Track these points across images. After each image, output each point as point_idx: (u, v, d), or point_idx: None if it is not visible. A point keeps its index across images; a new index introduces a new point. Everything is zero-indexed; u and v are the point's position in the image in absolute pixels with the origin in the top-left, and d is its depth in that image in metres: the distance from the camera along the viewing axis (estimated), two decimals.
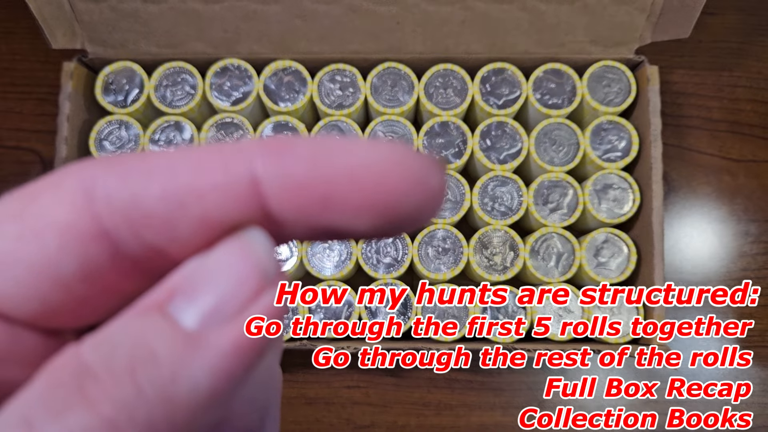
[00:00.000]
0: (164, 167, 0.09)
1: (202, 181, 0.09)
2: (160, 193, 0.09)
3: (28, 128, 0.46)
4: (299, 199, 0.09)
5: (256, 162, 0.09)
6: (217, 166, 0.09)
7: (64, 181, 0.09)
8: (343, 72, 0.40)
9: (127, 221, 0.09)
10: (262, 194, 0.09)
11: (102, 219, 0.09)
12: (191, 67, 0.40)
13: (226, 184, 0.09)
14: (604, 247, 0.39)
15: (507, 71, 0.40)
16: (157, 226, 0.09)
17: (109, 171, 0.09)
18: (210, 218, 0.09)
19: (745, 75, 0.46)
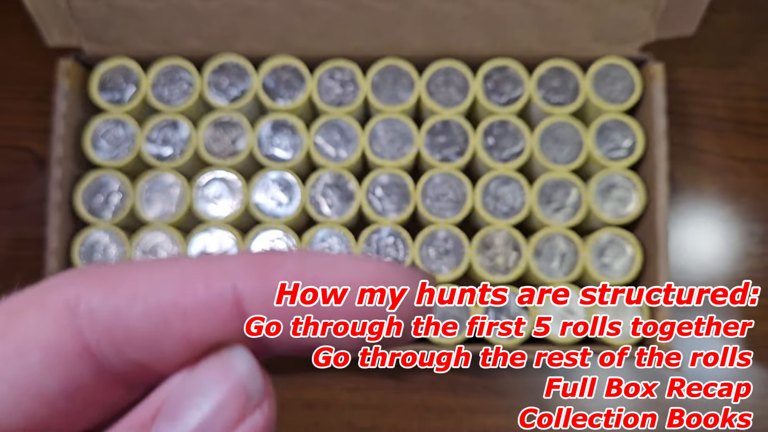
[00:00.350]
0: (147, 283, 0.09)
1: (185, 300, 0.09)
2: (143, 311, 0.09)
3: (24, 126, 0.45)
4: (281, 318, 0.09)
5: (239, 280, 0.09)
6: (200, 284, 0.09)
7: (48, 297, 0.09)
8: (343, 69, 0.40)
9: (111, 338, 0.09)
10: (244, 312, 0.09)
11: (85, 336, 0.09)
12: (188, 64, 0.40)
13: (209, 303, 0.09)
14: (608, 248, 0.39)
15: (510, 69, 0.40)
16: (141, 343, 0.09)
17: (93, 287, 0.09)
18: (193, 336, 0.09)
19: (752, 73, 0.46)
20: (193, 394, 0.09)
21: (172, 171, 0.39)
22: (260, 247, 0.38)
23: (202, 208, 0.39)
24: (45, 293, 0.10)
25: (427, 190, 0.39)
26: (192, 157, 0.39)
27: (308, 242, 0.38)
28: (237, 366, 0.09)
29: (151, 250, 0.38)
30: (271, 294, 0.09)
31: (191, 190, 0.39)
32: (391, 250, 0.38)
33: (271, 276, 0.09)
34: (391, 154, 0.39)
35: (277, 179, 0.39)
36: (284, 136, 0.39)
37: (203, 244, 0.38)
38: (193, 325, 0.09)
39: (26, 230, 0.44)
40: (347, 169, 0.39)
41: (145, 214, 0.39)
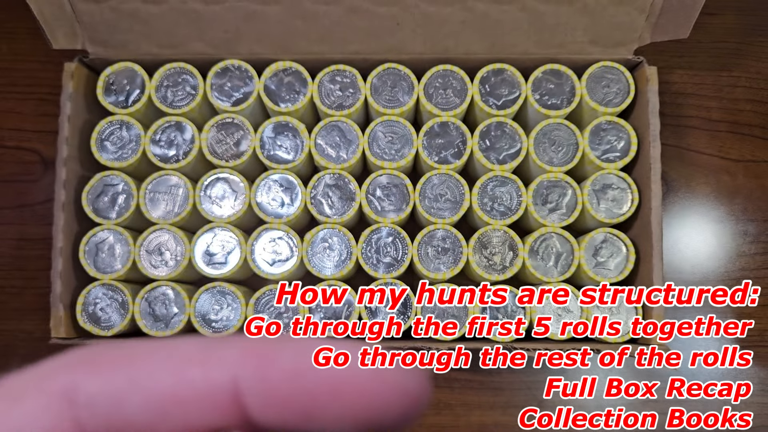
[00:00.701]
0: (146, 371, 0.09)
1: (184, 389, 0.09)
2: (142, 401, 0.09)
3: (30, 128, 0.46)
4: (281, 411, 0.09)
5: (238, 370, 0.09)
6: (198, 375, 0.09)
7: (46, 384, 0.09)
8: (343, 72, 0.40)
9: (108, 427, 0.09)
10: (242, 401, 0.09)
11: (84, 425, 0.09)
12: (192, 67, 0.40)
13: (208, 393, 0.09)
14: (602, 247, 0.39)
15: (506, 72, 0.40)
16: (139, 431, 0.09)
17: (91, 374, 0.09)
18: (192, 424, 0.09)
19: (745, 75, 0.46)
20: None
21: (176, 172, 0.39)
22: (263, 248, 0.39)
23: (205, 209, 0.39)
24: (43, 380, 0.09)
25: (426, 190, 0.39)
26: (196, 158, 0.40)
27: (309, 242, 0.39)
28: None
29: (155, 249, 0.39)
30: (270, 388, 0.09)
31: (195, 191, 0.39)
32: (390, 248, 0.39)
33: (269, 369, 0.09)
34: (390, 156, 0.39)
35: (279, 180, 0.39)
36: (286, 138, 0.40)
37: (206, 243, 0.39)
38: (191, 415, 0.09)
39: (32, 230, 0.45)
40: (348, 170, 0.40)
41: (150, 214, 0.39)
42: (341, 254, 0.39)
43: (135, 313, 0.38)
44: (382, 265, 0.38)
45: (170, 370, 0.09)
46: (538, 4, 0.38)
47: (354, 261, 0.38)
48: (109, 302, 0.38)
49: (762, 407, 0.43)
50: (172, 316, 0.39)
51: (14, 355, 0.44)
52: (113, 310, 0.38)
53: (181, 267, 0.38)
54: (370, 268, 0.38)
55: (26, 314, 0.44)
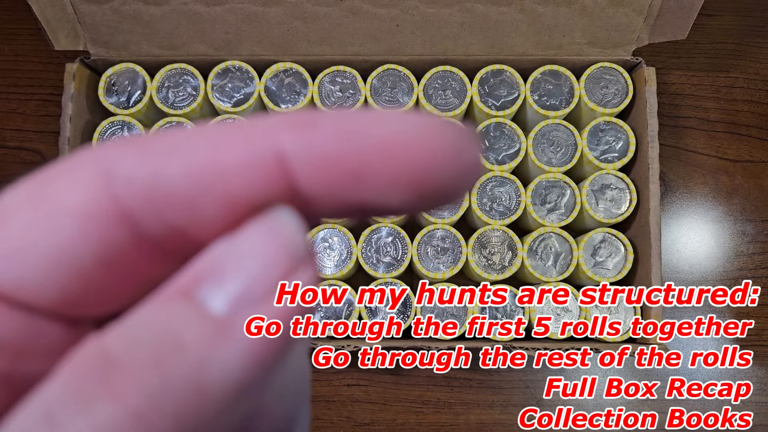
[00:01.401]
0: (185, 145, 0.09)
1: (226, 159, 0.09)
2: (182, 172, 0.09)
3: (31, 129, 0.46)
4: (329, 175, 0.09)
5: (282, 137, 0.09)
6: (240, 143, 0.09)
7: (81, 163, 0.09)
8: (344, 73, 0.40)
9: (149, 202, 0.09)
10: (289, 171, 0.09)
11: (122, 200, 0.09)
12: (193, 68, 0.40)
13: (251, 161, 0.09)
14: (601, 247, 0.39)
15: (505, 73, 0.40)
16: (180, 206, 0.09)
17: (128, 151, 0.09)
18: (235, 197, 0.09)
19: (742, 76, 0.47)
20: (239, 255, 0.09)
21: None
22: None
23: None
24: (78, 161, 0.09)
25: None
26: None
27: (309, 242, 0.39)
28: (283, 226, 0.09)
29: None
30: (316, 150, 0.09)
31: None
32: (389, 248, 0.39)
33: (315, 131, 0.09)
34: None
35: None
36: None
37: None
38: (235, 186, 0.09)
39: None
40: None
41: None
42: (341, 254, 0.39)
43: None
44: (382, 265, 0.39)
45: (211, 142, 0.09)
46: (536, 5, 0.38)
47: (354, 261, 0.39)
48: None
49: (761, 407, 0.43)
50: None
51: None
52: None
53: None
54: (370, 268, 0.38)
55: None
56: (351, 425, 0.43)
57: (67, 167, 0.09)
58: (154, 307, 0.08)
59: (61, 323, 0.09)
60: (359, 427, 0.43)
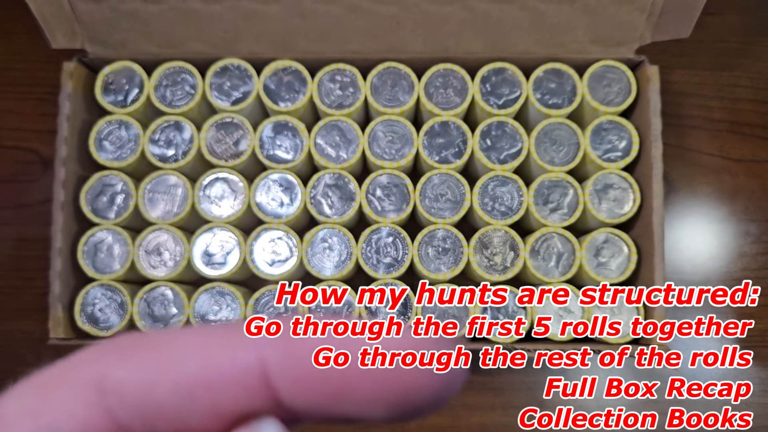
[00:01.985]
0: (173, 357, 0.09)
1: (212, 374, 0.09)
2: (171, 386, 0.09)
3: (28, 128, 0.46)
4: (310, 393, 0.09)
5: (265, 353, 0.09)
6: (225, 358, 0.09)
7: (76, 374, 0.09)
8: (343, 72, 0.40)
9: (140, 413, 0.09)
10: (271, 384, 0.09)
11: (115, 413, 0.09)
12: (191, 66, 0.40)
13: (236, 377, 0.09)
14: (604, 247, 0.39)
15: (507, 71, 0.40)
16: (169, 417, 0.09)
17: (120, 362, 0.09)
18: (221, 409, 0.09)
19: (746, 75, 0.46)
20: None
21: (175, 172, 0.39)
22: (262, 248, 0.39)
23: (204, 209, 0.39)
24: (72, 371, 0.10)
25: (426, 190, 0.39)
26: (195, 158, 0.39)
27: (309, 242, 0.39)
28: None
29: (154, 249, 0.39)
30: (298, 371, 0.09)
31: (194, 191, 0.39)
32: (390, 249, 0.39)
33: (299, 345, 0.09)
34: (390, 156, 0.39)
35: (278, 180, 0.39)
36: (286, 138, 0.40)
37: (205, 244, 0.39)
38: (220, 399, 0.09)
39: (31, 230, 0.45)
40: (348, 170, 0.39)
41: (149, 214, 0.39)
42: (341, 254, 0.39)
43: (134, 313, 0.38)
44: (382, 266, 0.38)
45: (198, 355, 0.09)
46: (538, 3, 0.38)
47: (354, 261, 0.38)
48: (108, 303, 0.38)
49: (762, 407, 0.43)
50: (170, 317, 0.38)
51: (12, 356, 0.44)
52: (112, 311, 0.38)
53: (180, 267, 0.38)
54: (370, 269, 0.38)
55: (25, 314, 0.44)
56: (350, 427, 0.42)
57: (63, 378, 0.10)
58: None
59: None
60: (359, 429, 0.42)
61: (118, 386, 0.09)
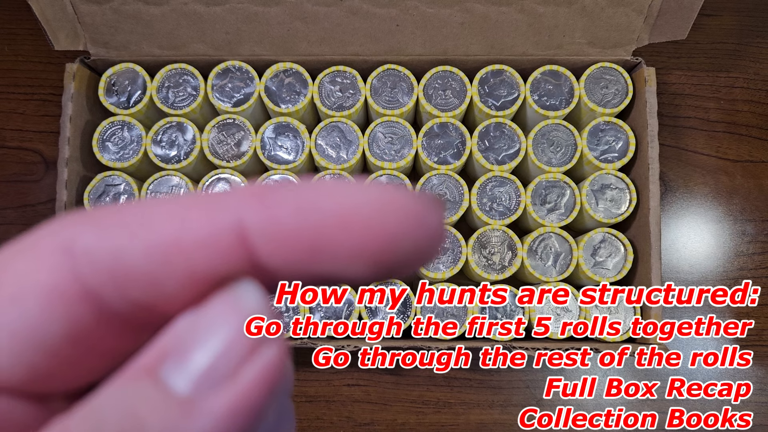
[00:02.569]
0: (146, 221, 0.09)
1: (187, 235, 0.09)
2: (144, 250, 0.09)
3: (31, 129, 0.46)
4: (289, 249, 0.09)
5: (241, 212, 0.09)
6: (201, 219, 0.09)
7: (42, 241, 0.09)
8: (344, 74, 0.40)
9: (111, 279, 0.09)
10: (250, 244, 0.09)
11: (85, 278, 0.09)
12: (193, 68, 0.40)
13: (212, 237, 0.09)
14: (601, 247, 0.39)
15: (505, 73, 0.40)
16: (143, 283, 0.09)
17: (89, 228, 0.09)
18: (197, 272, 0.09)
19: (742, 76, 0.47)
20: (201, 332, 0.09)
21: (178, 172, 0.40)
22: None
23: None
24: (39, 238, 0.09)
25: (426, 191, 0.39)
26: (197, 158, 0.40)
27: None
28: (245, 300, 0.09)
29: None
30: (276, 225, 0.09)
31: (196, 191, 0.39)
32: None
33: (274, 205, 0.09)
34: (390, 156, 0.40)
35: (280, 181, 0.40)
36: (287, 139, 0.40)
37: None
38: (196, 261, 0.09)
39: None
40: (348, 170, 0.40)
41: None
42: None
43: None
44: None
45: (172, 217, 0.09)
46: (536, 5, 0.38)
47: None
48: None
49: (761, 407, 0.43)
50: None
51: None
52: None
53: None
54: None
55: None
56: (351, 425, 0.43)
57: (28, 245, 0.09)
58: (118, 387, 0.08)
59: (30, 401, 0.09)
60: (359, 427, 0.43)
61: (88, 250, 0.09)
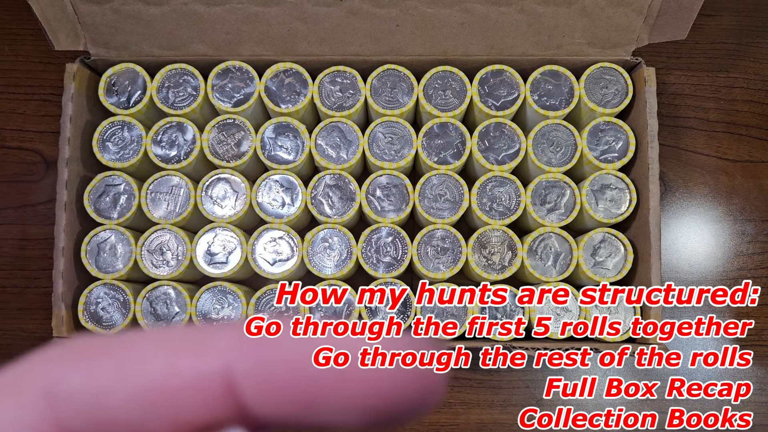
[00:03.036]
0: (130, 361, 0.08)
1: (172, 381, 0.08)
2: (128, 395, 0.08)
3: (32, 129, 0.46)
4: (280, 399, 0.08)
5: (230, 357, 0.08)
6: (187, 363, 0.08)
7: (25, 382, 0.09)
8: (344, 74, 0.40)
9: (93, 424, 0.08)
10: (237, 392, 0.08)
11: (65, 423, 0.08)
12: (193, 68, 0.40)
13: (198, 384, 0.08)
14: (601, 247, 0.39)
15: (505, 73, 0.40)
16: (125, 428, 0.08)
17: (72, 366, 0.09)
18: (182, 419, 0.08)
19: (742, 76, 0.47)
20: None
21: (178, 172, 0.40)
22: (264, 248, 0.39)
23: (206, 209, 0.39)
24: (22, 377, 0.09)
25: (425, 191, 0.39)
26: (197, 158, 0.40)
27: (310, 241, 0.39)
28: None
29: (156, 249, 0.39)
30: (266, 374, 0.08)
31: (196, 191, 0.39)
32: (390, 248, 0.39)
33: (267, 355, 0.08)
34: (390, 156, 0.40)
35: (279, 180, 0.40)
36: (287, 139, 0.40)
37: (207, 243, 0.39)
38: (181, 408, 0.08)
39: (34, 230, 0.45)
40: (348, 170, 0.40)
41: (151, 214, 0.39)
42: (341, 254, 0.39)
43: (136, 312, 0.39)
44: (382, 265, 0.39)
45: (158, 360, 0.08)
46: (536, 5, 0.38)
47: (354, 261, 0.39)
48: (111, 302, 0.39)
49: (761, 407, 0.43)
50: (173, 316, 0.39)
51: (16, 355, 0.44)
52: (115, 310, 0.39)
53: (183, 267, 0.39)
54: (370, 268, 0.39)
55: (28, 314, 0.44)
56: None
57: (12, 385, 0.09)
58: None
59: None
60: None
61: (70, 393, 0.08)
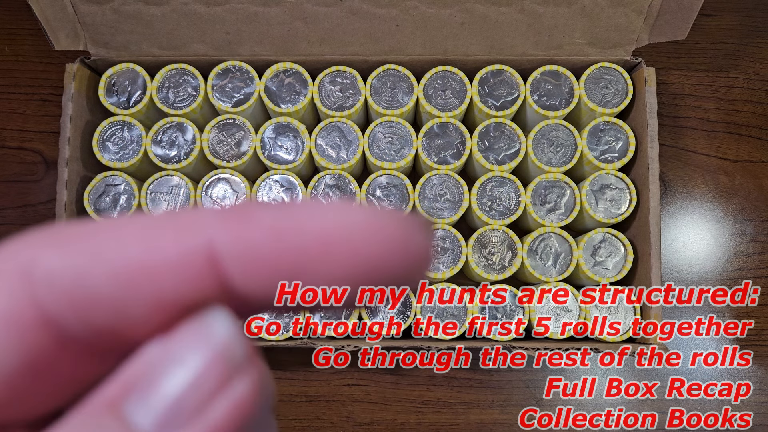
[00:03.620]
0: (110, 241, 0.08)
1: (153, 258, 0.08)
2: (107, 273, 0.08)
3: (32, 129, 0.46)
4: (264, 273, 0.08)
5: (213, 232, 0.08)
6: (169, 240, 0.08)
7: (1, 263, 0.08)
8: (344, 74, 0.40)
9: (72, 305, 0.08)
10: (221, 268, 0.08)
11: (44, 304, 0.08)
12: (193, 68, 0.40)
13: (181, 261, 0.08)
14: (601, 247, 0.39)
15: (505, 73, 0.40)
16: (106, 308, 0.08)
17: (51, 248, 0.08)
18: (165, 297, 0.08)
19: (742, 76, 0.47)
20: (169, 363, 0.08)
21: (178, 172, 0.40)
22: None
23: None
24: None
25: (425, 191, 0.39)
26: (197, 158, 0.40)
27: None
28: (216, 329, 0.08)
29: None
30: (250, 247, 0.08)
31: (196, 191, 0.39)
32: None
33: (250, 227, 0.08)
34: (390, 156, 0.40)
35: (279, 180, 0.40)
36: (287, 139, 0.40)
37: None
38: (164, 286, 0.08)
39: None
40: (348, 170, 0.40)
41: (151, 214, 0.39)
42: None
43: None
44: None
45: (138, 238, 0.08)
46: (536, 5, 0.38)
47: None
48: None
49: (761, 407, 0.43)
50: None
51: None
52: None
53: None
54: None
55: None
56: (351, 425, 0.43)
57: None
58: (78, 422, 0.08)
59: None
60: (359, 427, 0.43)
61: (48, 273, 0.08)
